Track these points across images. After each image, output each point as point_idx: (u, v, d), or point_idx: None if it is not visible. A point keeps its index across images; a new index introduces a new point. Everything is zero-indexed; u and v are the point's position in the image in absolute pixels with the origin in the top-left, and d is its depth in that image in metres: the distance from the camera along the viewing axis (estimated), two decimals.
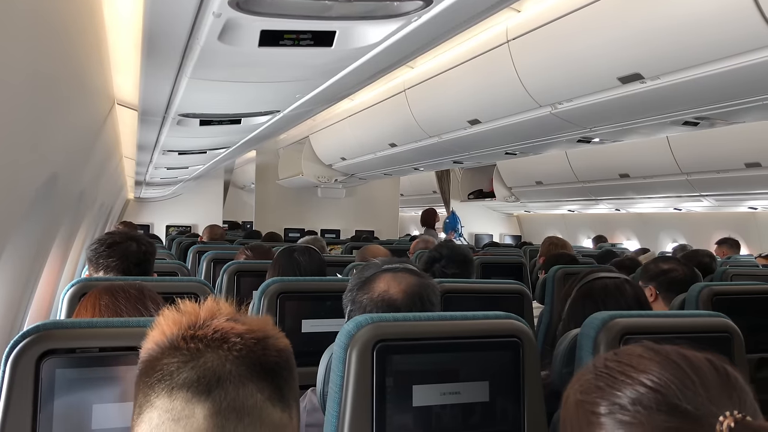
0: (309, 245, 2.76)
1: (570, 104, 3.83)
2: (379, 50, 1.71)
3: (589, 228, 9.86)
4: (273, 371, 0.71)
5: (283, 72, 2.03)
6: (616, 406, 0.67)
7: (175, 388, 0.68)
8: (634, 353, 0.72)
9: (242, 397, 0.68)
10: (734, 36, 2.63)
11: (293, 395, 0.75)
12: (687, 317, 1.57)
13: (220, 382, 0.68)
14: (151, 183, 7.89)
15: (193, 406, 0.67)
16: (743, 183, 6.13)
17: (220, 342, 0.70)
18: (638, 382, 0.68)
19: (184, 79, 2.07)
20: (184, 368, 0.69)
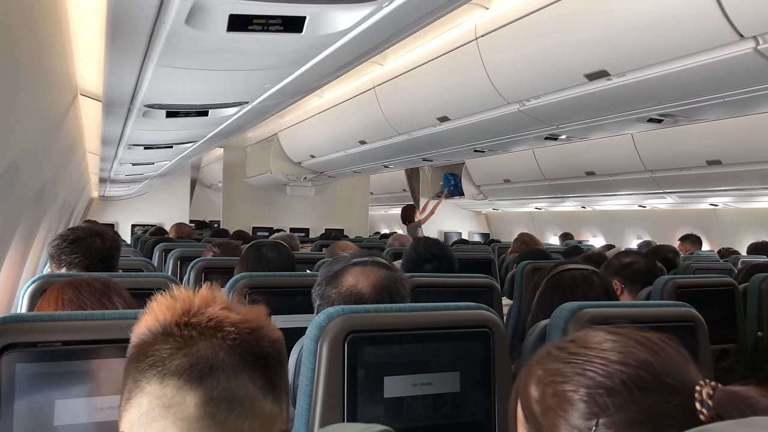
0: (278, 240, 2.73)
1: (538, 101, 3.87)
2: (350, 38, 1.69)
3: (556, 225, 9.99)
4: (266, 362, 0.71)
5: (252, 60, 1.99)
6: (602, 390, 0.65)
7: (167, 375, 0.67)
8: (598, 337, 0.71)
9: (234, 386, 0.67)
10: (697, 34, 2.69)
11: (284, 387, 0.74)
12: (653, 307, 1.60)
13: (212, 370, 0.67)
14: (116, 180, 7.74)
15: (185, 393, 0.66)
16: (705, 180, 6.28)
17: (215, 330, 0.69)
18: (620, 363, 0.67)
19: (150, 66, 2.02)
20: (177, 355, 0.68)
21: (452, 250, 2.91)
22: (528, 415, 0.71)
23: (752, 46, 2.58)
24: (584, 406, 0.66)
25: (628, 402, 0.64)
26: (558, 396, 0.68)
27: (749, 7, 2.46)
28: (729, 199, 6.75)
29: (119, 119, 3.30)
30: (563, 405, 0.67)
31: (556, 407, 0.68)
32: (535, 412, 0.70)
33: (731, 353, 2.61)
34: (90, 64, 2.92)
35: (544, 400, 0.69)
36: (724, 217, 7.34)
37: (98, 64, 2.55)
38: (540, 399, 0.70)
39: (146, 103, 2.70)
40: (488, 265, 4.06)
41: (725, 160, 5.75)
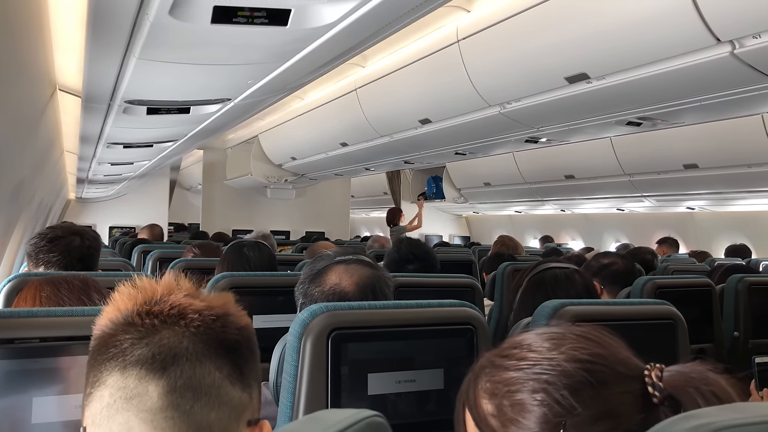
0: (259, 240, 2.71)
1: (518, 104, 3.90)
2: (335, 32, 1.68)
3: (535, 228, 10.06)
4: (233, 349, 0.69)
5: (236, 54, 1.97)
6: (564, 391, 0.64)
7: (128, 366, 0.65)
8: (537, 339, 0.70)
9: (199, 374, 0.66)
10: (675, 38, 2.73)
11: (254, 375, 0.72)
12: (634, 305, 1.61)
13: (176, 359, 0.65)
14: (94, 181, 7.64)
15: (147, 383, 0.64)
16: (682, 184, 6.37)
17: (177, 318, 0.68)
18: (575, 360, 0.66)
19: (132, 59, 1.99)
20: (139, 344, 0.66)
21: (435, 252, 2.92)
22: (486, 430, 0.69)
23: (729, 50, 2.63)
24: (546, 411, 0.65)
25: (593, 398, 0.64)
26: (516, 406, 0.66)
27: (726, 12, 2.50)
28: (705, 202, 6.85)
29: (99, 116, 3.25)
30: (523, 414, 0.66)
31: (517, 417, 0.66)
32: (493, 426, 0.68)
33: (708, 353, 2.65)
34: (70, 57, 2.87)
35: (502, 413, 0.67)
36: (701, 221, 7.45)
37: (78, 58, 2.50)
38: (497, 412, 0.68)
39: (127, 99, 2.66)
40: (469, 266, 4.08)
41: (702, 164, 5.84)
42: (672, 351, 1.54)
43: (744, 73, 2.75)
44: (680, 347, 1.55)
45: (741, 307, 2.81)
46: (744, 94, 3.04)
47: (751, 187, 5.89)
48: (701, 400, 0.62)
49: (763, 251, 6.12)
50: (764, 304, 2.79)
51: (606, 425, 0.62)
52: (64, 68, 3.12)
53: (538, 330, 0.73)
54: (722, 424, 0.49)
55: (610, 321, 1.50)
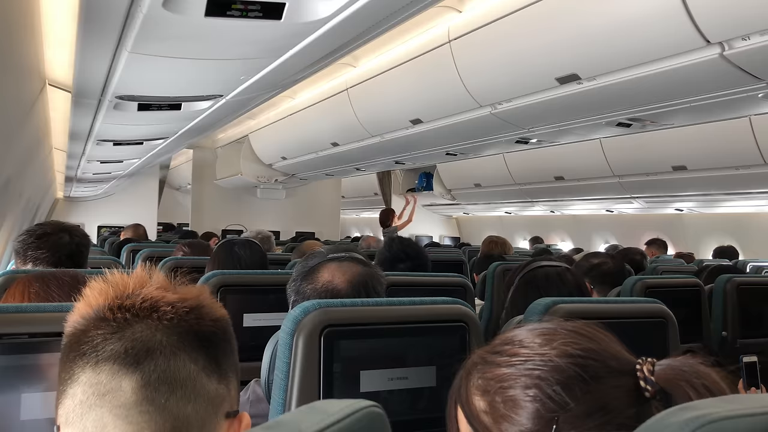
0: (250, 239, 2.70)
1: (509, 104, 3.91)
2: (330, 27, 1.68)
3: (525, 229, 10.10)
4: (208, 341, 0.68)
5: (229, 48, 1.96)
6: (557, 387, 0.64)
7: (101, 361, 0.64)
8: (529, 335, 0.70)
9: (174, 367, 0.65)
10: (666, 39, 2.74)
11: (231, 367, 0.71)
12: (626, 303, 1.62)
13: (149, 353, 0.64)
14: (83, 179, 7.58)
15: (120, 378, 0.63)
16: (670, 185, 6.41)
17: (150, 311, 0.67)
18: (566, 356, 0.66)
19: (123, 53, 1.97)
20: (111, 339, 0.65)
21: (426, 251, 2.92)
22: (478, 427, 0.68)
23: (718, 51, 2.65)
24: (539, 407, 0.64)
25: (585, 393, 0.63)
26: (509, 402, 0.66)
27: (716, 14, 2.52)
28: (693, 204, 6.90)
29: (89, 112, 3.21)
30: (516, 410, 0.65)
31: (509, 413, 0.66)
32: (485, 423, 0.67)
33: (697, 352, 2.66)
34: (60, 51, 2.83)
35: (495, 409, 0.67)
36: (689, 222, 7.50)
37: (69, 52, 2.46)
38: (489, 409, 0.68)
39: (118, 95, 2.63)
40: (460, 266, 4.09)
41: (690, 165, 5.88)
42: (663, 349, 1.55)
43: (733, 75, 2.78)
44: (671, 345, 1.55)
45: (729, 307, 2.83)
46: (733, 96, 3.06)
47: (738, 188, 5.94)
48: (693, 393, 0.62)
49: (750, 252, 6.17)
50: (752, 304, 2.81)
51: (598, 420, 0.62)
52: (54, 62, 3.08)
53: (529, 326, 0.72)
54: (718, 416, 0.49)
55: (601, 319, 1.51)
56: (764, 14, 2.38)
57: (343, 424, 0.46)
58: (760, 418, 0.49)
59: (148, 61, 2.06)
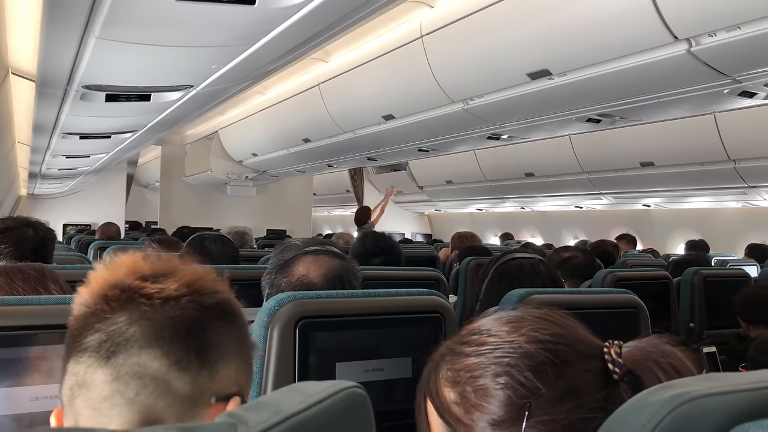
0: (221, 234, 2.66)
1: (481, 100, 3.93)
2: (302, 14, 1.65)
3: (496, 226, 10.18)
4: (187, 331, 0.66)
5: (201, 35, 1.92)
6: (527, 373, 0.64)
7: (80, 352, 0.65)
8: (495, 324, 0.70)
9: (143, 361, 0.64)
10: (635, 35, 2.79)
11: (223, 353, 0.68)
12: (598, 294, 1.64)
13: (121, 345, 0.64)
14: (48, 176, 7.40)
15: (94, 371, 0.64)
16: (638, 182, 6.53)
17: (126, 302, 0.66)
18: (536, 341, 0.66)
19: (90, 40, 1.91)
20: (89, 330, 0.65)
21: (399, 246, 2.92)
22: (449, 418, 0.67)
23: (686, 48, 2.69)
24: (510, 393, 0.64)
25: (556, 378, 0.63)
26: (479, 391, 0.66)
27: (683, 10, 2.57)
28: (661, 199, 7.04)
29: (54, 102, 3.11)
30: (487, 398, 0.65)
31: (480, 402, 0.65)
32: (456, 414, 0.67)
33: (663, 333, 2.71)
34: (24, 37, 2.73)
35: (466, 399, 0.66)
36: (656, 218, 7.64)
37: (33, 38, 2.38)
38: (460, 399, 0.67)
39: (85, 84, 2.55)
40: (432, 262, 4.10)
41: (658, 162, 5.99)
42: (634, 338, 1.57)
43: (700, 71, 2.83)
44: (642, 334, 1.57)
45: (696, 298, 2.89)
46: (699, 92, 3.12)
47: (703, 184, 6.08)
48: (660, 373, 0.63)
49: (715, 247, 6.31)
50: (718, 297, 2.88)
51: (570, 404, 0.62)
52: (17, 49, 2.98)
53: (495, 315, 0.72)
54: (699, 393, 0.50)
55: (574, 309, 1.52)
56: (730, 11, 2.43)
57: (324, 404, 0.45)
58: (739, 395, 0.50)
59: (116, 48, 2.00)
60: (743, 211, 6.64)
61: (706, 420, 0.48)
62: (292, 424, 0.42)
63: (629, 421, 0.51)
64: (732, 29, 2.48)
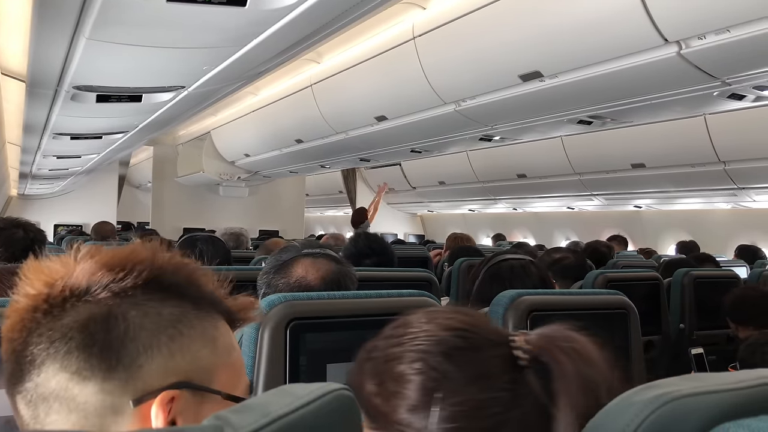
0: (213, 235, 2.66)
1: (473, 101, 3.94)
2: (294, 16, 1.65)
3: (488, 227, 10.20)
4: (84, 336, 0.58)
5: (192, 36, 1.91)
6: (439, 358, 0.66)
7: (2, 380, 0.60)
8: (416, 318, 0.72)
9: (42, 381, 0.58)
10: (626, 37, 2.80)
11: (142, 345, 0.59)
12: (588, 295, 1.65)
13: (24, 371, 0.58)
14: (38, 176, 7.37)
15: (12, 399, 0.59)
16: (629, 183, 6.56)
17: (25, 315, 0.59)
18: (447, 329, 0.68)
19: (81, 40, 1.90)
20: (8, 362, 0.59)
21: (392, 246, 2.92)
22: (370, 411, 0.68)
23: (676, 50, 2.71)
24: (423, 378, 0.66)
25: (467, 362, 0.66)
26: (397, 378, 0.67)
27: (674, 13, 2.59)
28: (651, 201, 7.07)
29: (45, 103, 3.09)
30: (403, 384, 0.66)
31: (397, 389, 0.66)
32: (376, 405, 0.68)
33: (656, 344, 2.73)
34: (13, 37, 2.71)
35: (385, 388, 0.67)
36: (647, 219, 7.68)
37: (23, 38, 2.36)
38: (379, 389, 0.68)
39: (75, 85, 2.54)
40: (425, 263, 4.10)
41: (648, 163, 6.02)
42: (625, 339, 1.58)
43: (689, 73, 2.85)
44: (632, 335, 1.58)
45: (686, 300, 2.90)
46: (689, 94, 3.14)
47: (694, 186, 6.11)
48: (563, 356, 0.65)
49: (706, 248, 6.34)
50: (708, 298, 2.89)
51: (478, 387, 0.64)
52: (7, 49, 2.96)
53: (417, 312, 0.74)
54: (682, 393, 0.51)
55: (565, 310, 1.53)
56: (720, 14, 2.44)
57: (313, 406, 0.45)
58: (721, 395, 0.51)
59: (107, 49, 1.99)
60: (733, 212, 6.68)
61: (688, 419, 0.49)
62: (279, 427, 0.42)
63: (613, 420, 0.52)
64: (721, 32, 2.50)
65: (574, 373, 0.63)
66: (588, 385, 0.63)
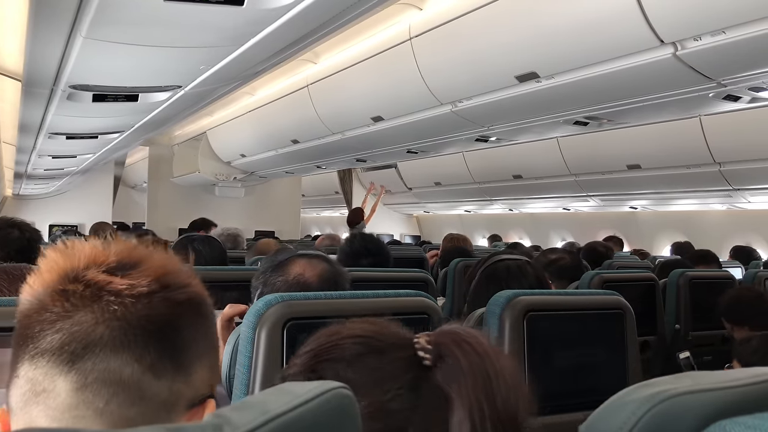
0: (209, 235, 2.66)
1: (470, 102, 3.95)
2: (291, 15, 1.65)
3: (484, 228, 10.21)
4: (161, 332, 0.60)
5: (189, 35, 1.91)
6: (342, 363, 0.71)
7: (37, 355, 0.57)
8: (333, 329, 0.77)
9: (115, 367, 0.57)
10: (622, 39, 2.81)
11: (198, 354, 0.63)
12: (585, 295, 1.65)
13: (88, 349, 0.57)
14: (33, 176, 7.34)
15: (55, 378, 0.57)
16: (625, 184, 6.57)
17: (92, 300, 0.59)
18: (351, 337, 0.73)
19: (78, 39, 1.89)
20: (49, 330, 0.58)
21: (388, 246, 2.93)
22: None
23: (671, 51, 2.72)
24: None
25: (369, 367, 0.69)
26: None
27: (669, 14, 2.60)
28: (647, 202, 7.09)
29: (41, 102, 3.07)
30: None
31: None
32: None
33: (651, 345, 2.74)
34: (10, 36, 2.69)
35: None
36: (643, 220, 7.70)
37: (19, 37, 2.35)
38: None
39: (72, 84, 2.52)
40: (421, 263, 4.11)
41: (644, 164, 6.04)
42: (621, 339, 1.59)
43: (685, 74, 2.86)
44: (628, 336, 1.59)
45: (682, 300, 2.91)
46: (685, 95, 3.15)
47: (689, 187, 6.13)
48: (458, 350, 0.68)
49: None
50: (703, 298, 2.90)
51: (382, 389, 0.68)
52: (2, 48, 2.94)
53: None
54: (677, 391, 0.51)
55: (561, 310, 1.54)
56: (715, 15, 2.45)
57: (311, 404, 0.45)
58: (717, 393, 0.51)
59: (103, 48, 1.98)
60: (728, 213, 6.70)
61: (685, 417, 0.49)
62: (278, 425, 0.42)
63: (609, 419, 0.52)
64: (717, 33, 2.51)
65: (468, 365, 0.67)
66: (481, 376, 0.67)
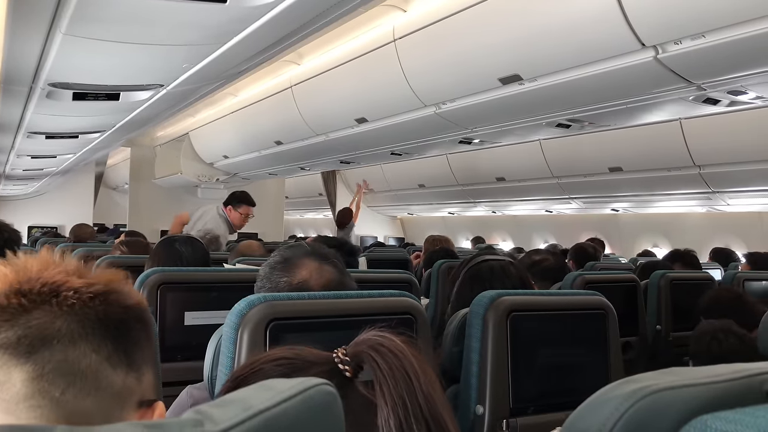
0: (192, 235, 2.64)
1: (453, 104, 3.96)
2: (275, 14, 1.64)
3: (467, 230, 10.24)
4: (116, 329, 0.63)
5: (172, 33, 1.89)
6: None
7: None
8: (245, 364, 0.79)
9: (72, 357, 0.59)
10: (604, 42, 2.84)
11: (146, 358, 0.66)
12: (567, 296, 1.66)
13: (45, 341, 0.59)
14: (12, 176, 7.24)
15: (10, 369, 0.58)
16: (607, 186, 6.63)
17: (49, 296, 0.61)
18: (268, 361, 0.74)
19: (57, 35, 1.86)
20: (4, 327, 0.60)
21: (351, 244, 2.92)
22: None
23: (652, 54, 2.75)
24: None
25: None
26: None
27: (651, 18, 2.62)
28: (628, 204, 7.16)
29: (19, 100, 3.02)
30: None
31: None
32: None
33: (634, 345, 2.76)
34: None
35: None
36: (624, 222, 7.77)
37: None
38: None
39: (51, 82, 2.48)
40: (405, 265, 4.12)
41: (626, 167, 6.10)
42: (603, 340, 1.60)
43: (666, 77, 2.89)
44: (611, 335, 1.60)
45: (663, 301, 2.94)
46: (666, 98, 3.19)
47: (669, 189, 6.20)
48: (375, 355, 0.70)
49: None
50: (684, 299, 2.93)
51: None
52: None
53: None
54: (659, 387, 0.51)
55: (545, 311, 1.55)
56: (696, 19, 2.48)
57: (294, 400, 0.45)
58: (698, 388, 0.51)
59: (84, 45, 1.94)
60: (708, 216, 6.79)
61: (667, 412, 0.49)
62: (260, 421, 0.42)
63: (592, 415, 0.52)
64: (697, 37, 2.54)
65: (387, 367, 0.70)
66: (401, 375, 0.69)
